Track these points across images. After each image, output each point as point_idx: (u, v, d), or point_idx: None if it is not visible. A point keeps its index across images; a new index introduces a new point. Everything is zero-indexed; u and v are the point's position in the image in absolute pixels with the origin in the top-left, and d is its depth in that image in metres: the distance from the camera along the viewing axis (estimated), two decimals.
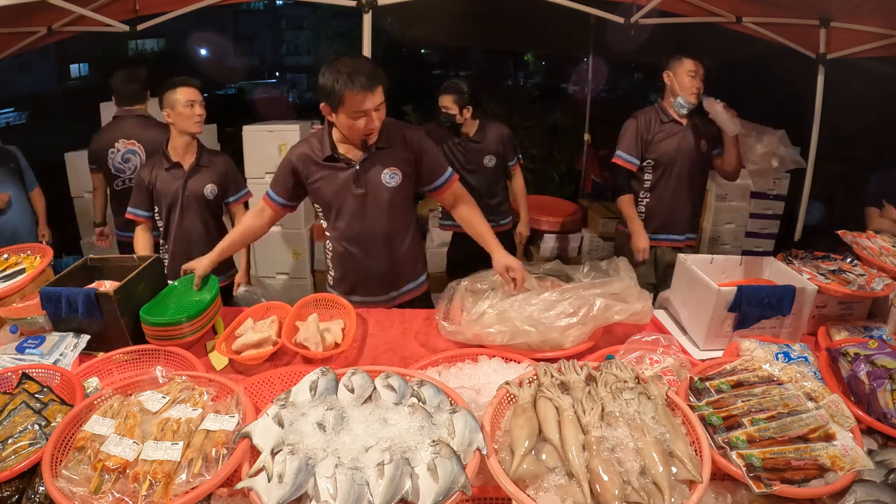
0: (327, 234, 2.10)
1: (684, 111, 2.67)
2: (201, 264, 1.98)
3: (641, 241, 2.74)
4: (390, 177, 1.94)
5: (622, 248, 2.90)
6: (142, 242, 2.53)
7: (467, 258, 3.18)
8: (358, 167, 1.92)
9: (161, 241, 2.62)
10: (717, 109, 2.54)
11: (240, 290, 2.58)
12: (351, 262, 2.06)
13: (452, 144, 3.12)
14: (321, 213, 2.08)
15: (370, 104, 1.77)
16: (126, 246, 3.22)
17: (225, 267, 2.62)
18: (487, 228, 2.00)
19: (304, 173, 1.97)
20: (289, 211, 2.10)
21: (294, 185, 2.01)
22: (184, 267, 2.00)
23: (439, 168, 2.02)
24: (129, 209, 2.55)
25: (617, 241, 3.13)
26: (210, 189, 2.52)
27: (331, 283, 2.17)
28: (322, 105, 1.84)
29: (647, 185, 2.78)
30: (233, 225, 2.66)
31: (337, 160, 1.94)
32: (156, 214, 2.56)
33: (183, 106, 2.41)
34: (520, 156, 3.25)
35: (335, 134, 1.94)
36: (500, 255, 1.87)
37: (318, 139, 1.96)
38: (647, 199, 2.79)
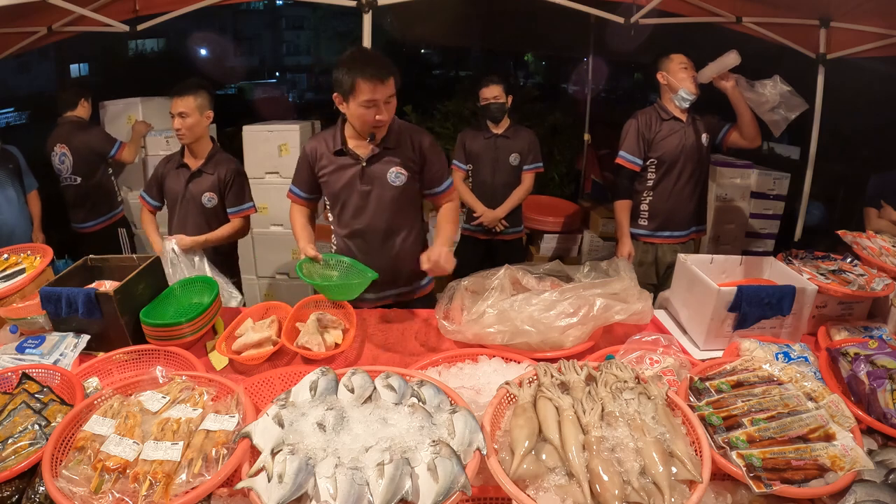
0: (332, 227, 2.14)
1: (687, 104, 2.68)
2: (313, 251, 1.94)
3: (624, 251, 2.81)
4: (396, 175, 1.97)
5: None
6: (150, 227, 2.58)
7: (475, 260, 3.20)
8: (365, 164, 1.95)
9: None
10: (707, 70, 2.55)
11: (169, 245, 2.29)
12: (351, 256, 2.06)
13: (485, 139, 3.25)
14: (329, 206, 2.11)
15: (380, 94, 1.80)
16: (81, 237, 3.48)
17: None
18: (449, 227, 2.02)
19: (316, 166, 2.03)
20: (314, 204, 2.14)
21: (310, 177, 2.06)
22: (305, 253, 1.93)
23: (442, 176, 2.07)
24: (141, 193, 2.62)
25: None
26: (208, 197, 2.47)
27: None
28: (335, 94, 1.88)
29: (650, 183, 2.78)
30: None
31: (345, 155, 1.98)
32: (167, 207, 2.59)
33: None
34: (539, 165, 3.30)
35: (347, 129, 1.98)
36: (433, 247, 1.86)
37: (332, 133, 2.01)
38: (651, 198, 2.79)
